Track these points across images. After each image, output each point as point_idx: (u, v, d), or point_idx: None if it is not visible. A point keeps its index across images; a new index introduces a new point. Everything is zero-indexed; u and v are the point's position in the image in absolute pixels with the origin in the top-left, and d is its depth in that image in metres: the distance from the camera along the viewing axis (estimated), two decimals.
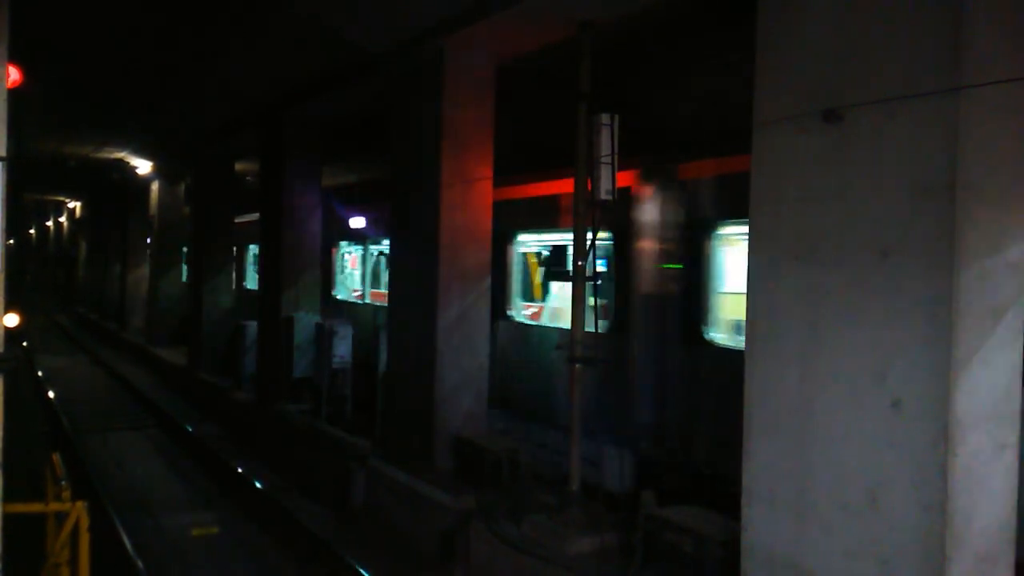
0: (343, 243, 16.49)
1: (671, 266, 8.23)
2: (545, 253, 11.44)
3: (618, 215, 7.79)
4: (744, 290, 5.49)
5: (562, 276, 10.23)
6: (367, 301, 15.56)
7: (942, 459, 4.38)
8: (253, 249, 20.42)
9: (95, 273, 33.58)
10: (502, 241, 10.53)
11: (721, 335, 8.00)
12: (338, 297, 16.26)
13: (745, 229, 5.61)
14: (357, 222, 15.41)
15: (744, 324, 5.50)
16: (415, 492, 8.75)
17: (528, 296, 11.54)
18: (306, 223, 13.89)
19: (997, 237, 4.56)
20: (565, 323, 8.03)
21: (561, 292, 10.66)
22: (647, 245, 8.44)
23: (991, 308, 4.54)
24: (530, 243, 11.17)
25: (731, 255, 7.92)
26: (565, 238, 9.68)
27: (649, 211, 8.41)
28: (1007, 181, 4.61)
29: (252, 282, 20.29)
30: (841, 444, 4.85)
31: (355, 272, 16.76)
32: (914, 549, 4.51)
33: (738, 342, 7.24)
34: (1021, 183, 4.66)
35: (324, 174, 14.73)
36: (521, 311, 11.16)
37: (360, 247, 16.00)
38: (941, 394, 4.40)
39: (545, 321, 11.01)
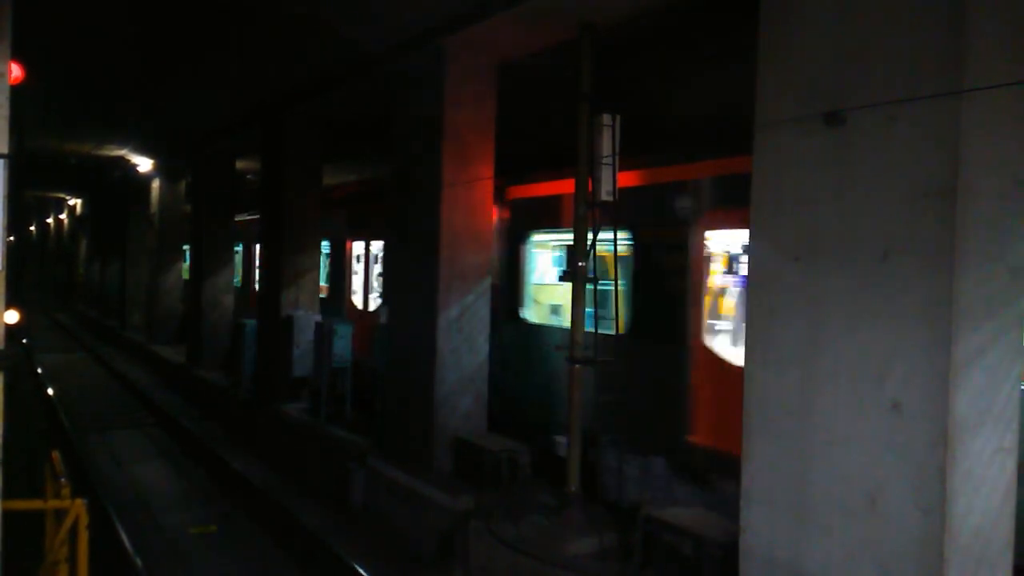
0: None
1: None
2: None
3: None
4: None
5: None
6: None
7: (941, 462, 4.39)
8: None
9: (95, 270, 33.60)
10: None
11: None
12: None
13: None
14: None
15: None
16: (414, 492, 8.75)
17: None
18: (307, 222, 13.90)
19: (997, 240, 4.56)
20: None
21: None
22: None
23: (991, 311, 4.55)
24: None
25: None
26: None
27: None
28: (1007, 184, 4.61)
29: None
30: (841, 446, 4.85)
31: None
32: (913, 552, 4.51)
33: None
34: (1020, 186, 4.67)
35: (325, 173, 14.75)
36: None
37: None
38: (941, 397, 4.41)
39: None
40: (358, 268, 15.49)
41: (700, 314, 7.78)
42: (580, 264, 7.46)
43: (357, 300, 15.15)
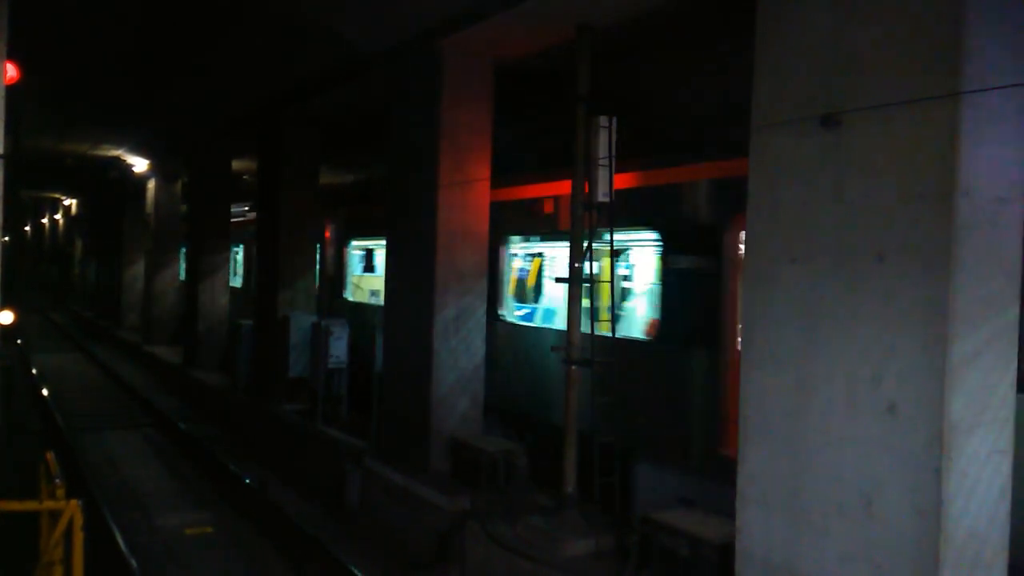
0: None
1: None
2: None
3: None
4: None
5: None
6: None
7: (936, 463, 4.40)
8: None
9: (91, 271, 33.53)
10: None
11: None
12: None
13: None
14: None
15: None
16: (410, 493, 8.74)
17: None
18: (304, 222, 13.88)
19: (992, 242, 4.57)
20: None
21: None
22: None
23: (987, 313, 4.56)
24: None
25: None
26: None
27: None
28: (1003, 187, 4.62)
29: None
30: (836, 448, 4.86)
31: None
32: (908, 553, 4.52)
33: None
34: (1016, 189, 4.68)
35: (322, 173, 14.75)
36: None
37: None
38: (936, 398, 4.41)
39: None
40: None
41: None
42: (576, 265, 7.47)
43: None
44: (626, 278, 10.00)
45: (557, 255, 10.76)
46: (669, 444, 7.88)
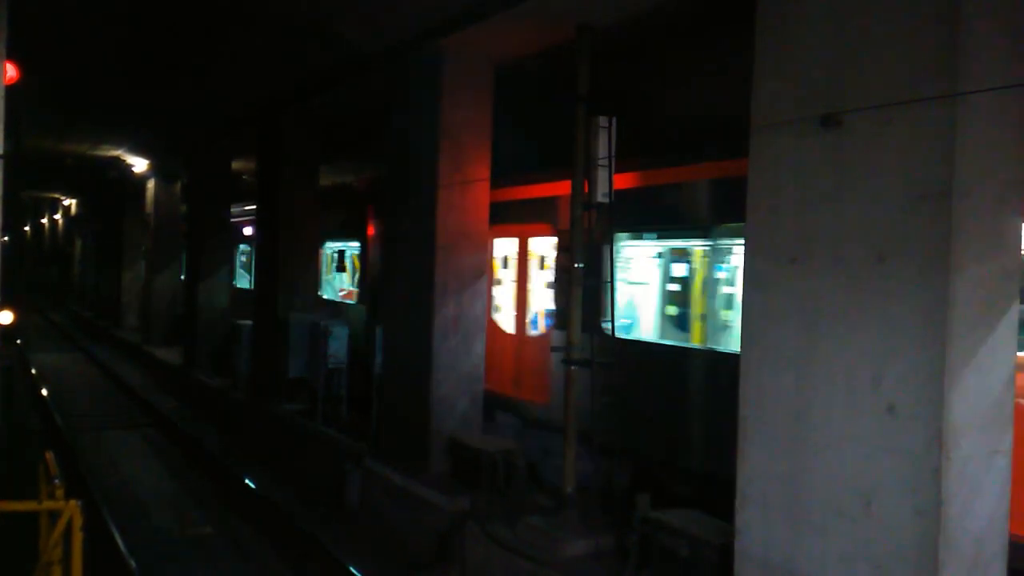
0: None
1: None
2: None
3: None
4: None
5: None
6: None
7: (936, 464, 4.40)
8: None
9: (90, 271, 33.51)
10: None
11: None
12: None
13: None
14: None
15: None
16: (410, 493, 8.74)
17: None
18: (304, 222, 13.88)
19: (991, 243, 4.58)
20: None
21: None
22: None
23: (985, 314, 4.56)
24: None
25: None
26: None
27: None
28: (1002, 188, 4.63)
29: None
30: (836, 448, 4.86)
31: None
32: (908, 554, 4.51)
33: None
34: (1015, 190, 4.68)
35: (321, 173, 14.73)
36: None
37: None
38: (935, 399, 4.41)
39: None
40: None
41: None
42: (576, 265, 7.47)
43: None
44: (727, 282, 8.38)
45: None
46: None
